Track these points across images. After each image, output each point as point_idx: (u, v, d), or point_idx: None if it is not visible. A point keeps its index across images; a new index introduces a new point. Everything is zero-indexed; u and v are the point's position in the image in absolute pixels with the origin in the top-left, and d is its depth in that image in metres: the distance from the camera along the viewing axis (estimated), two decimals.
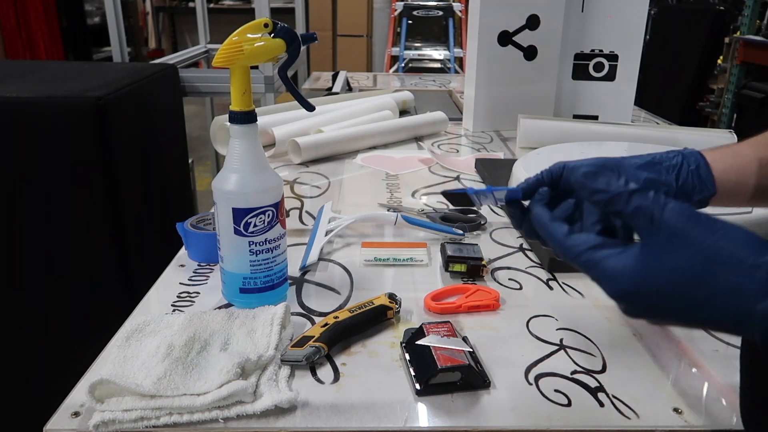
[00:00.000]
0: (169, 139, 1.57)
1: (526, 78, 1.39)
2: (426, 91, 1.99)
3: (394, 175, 1.12)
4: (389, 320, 0.63)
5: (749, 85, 3.17)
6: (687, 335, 0.62)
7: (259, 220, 0.61)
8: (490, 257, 0.78)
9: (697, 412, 0.51)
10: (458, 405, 0.51)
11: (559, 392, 0.53)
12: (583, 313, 0.66)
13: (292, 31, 0.62)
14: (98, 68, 1.46)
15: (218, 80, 1.75)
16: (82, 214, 1.16)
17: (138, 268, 1.23)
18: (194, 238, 0.76)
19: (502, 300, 0.68)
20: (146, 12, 5.71)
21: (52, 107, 1.11)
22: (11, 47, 3.82)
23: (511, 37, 1.35)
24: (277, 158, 1.19)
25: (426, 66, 4.64)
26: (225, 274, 0.65)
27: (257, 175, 0.61)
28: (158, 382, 0.50)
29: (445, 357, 0.53)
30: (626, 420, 0.50)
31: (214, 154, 2.52)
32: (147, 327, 0.59)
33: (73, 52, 4.27)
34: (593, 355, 0.59)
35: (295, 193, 1.02)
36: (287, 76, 0.67)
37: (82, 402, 0.50)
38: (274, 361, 0.55)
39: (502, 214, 0.94)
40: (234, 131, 0.60)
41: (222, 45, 0.59)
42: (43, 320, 1.21)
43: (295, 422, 0.49)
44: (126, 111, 1.23)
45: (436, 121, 1.39)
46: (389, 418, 0.50)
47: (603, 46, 1.41)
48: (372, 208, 0.95)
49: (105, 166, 1.15)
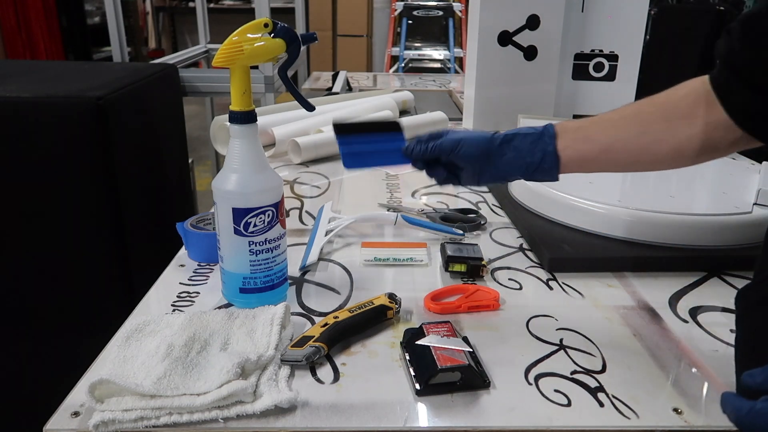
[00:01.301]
0: (169, 139, 1.57)
1: (526, 78, 1.38)
2: (426, 91, 1.99)
3: (394, 175, 1.12)
4: (389, 320, 0.63)
5: None
6: (687, 335, 0.62)
7: (259, 220, 0.61)
8: (490, 257, 0.78)
9: (697, 412, 0.51)
10: (458, 405, 0.51)
11: (558, 392, 0.53)
12: (583, 313, 0.66)
13: (292, 31, 0.62)
14: (98, 68, 1.46)
15: (218, 80, 1.75)
16: (82, 214, 1.16)
17: (138, 268, 1.23)
18: (194, 238, 0.76)
19: (502, 300, 0.68)
20: (146, 12, 5.71)
21: (52, 107, 1.11)
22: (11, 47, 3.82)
23: (511, 37, 1.35)
24: (277, 158, 1.19)
25: (426, 66, 4.64)
26: (225, 274, 0.64)
27: (257, 175, 0.61)
28: (158, 382, 0.50)
29: (445, 357, 0.53)
30: (626, 420, 0.50)
31: (214, 154, 2.51)
32: (147, 327, 0.59)
33: (73, 52, 4.27)
34: (593, 355, 0.59)
35: (295, 193, 1.02)
36: (287, 76, 0.67)
37: (82, 402, 0.50)
38: (274, 361, 0.55)
39: (502, 214, 0.94)
40: (234, 131, 0.60)
41: (222, 45, 0.59)
42: (43, 320, 1.21)
43: (295, 422, 0.49)
44: (126, 111, 1.23)
45: (436, 121, 1.39)
46: (389, 418, 0.50)
47: (603, 46, 1.41)
48: (372, 208, 0.95)
49: (105, 166, 1.15)
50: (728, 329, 0.63)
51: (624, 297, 0.70)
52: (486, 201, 0.99)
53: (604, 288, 0.72)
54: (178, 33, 6.08)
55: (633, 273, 0.75)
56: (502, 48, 1.35)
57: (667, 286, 0.72)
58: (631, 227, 0.79)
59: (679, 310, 0.67)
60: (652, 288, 0.72)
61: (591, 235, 0.81)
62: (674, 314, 0.66)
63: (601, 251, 0.77)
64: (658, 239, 0.78)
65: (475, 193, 1.03)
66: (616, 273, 0.75)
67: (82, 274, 1.19)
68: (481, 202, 0.99)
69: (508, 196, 0.96)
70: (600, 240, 0.80)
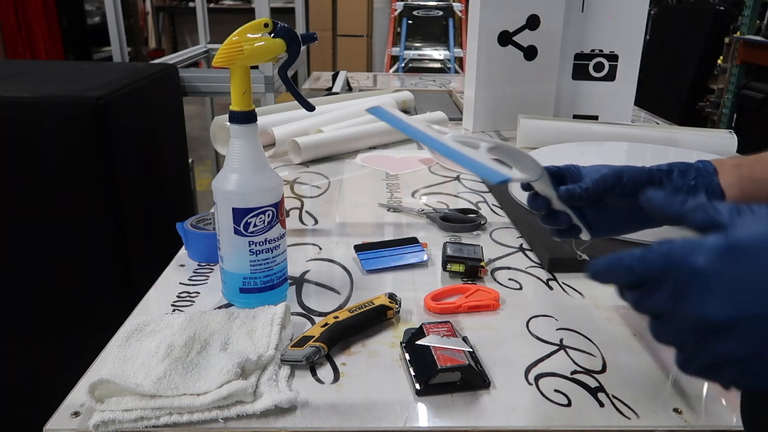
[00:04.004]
0: (169, 139, 1.57)
1: (526, 78, 1.39)
2: (426, 91, 1.99)
3: (394, 175, 1.12)
4: (389, 320, 0.63)
5: (749, 85, 3.17)
6: None
7: (259, 220, 0.61)
8: (490, 257, 0.78)
9: (697, 412, 0.51)
10: (458, 405, 0.51)
11: (559, 392, 0.53)
12: (583, 313, 0.66)
13: (292, 31, 0.62)
14: (98, 68, 1.46)
15: (218, 80, 1.75)
16: (81, 214, 1.16)
17: (138, 268, 1.23)
18: (194, 238, 0.76)
19: (502, 300, 0.68)
20: (146, 12, 5.71)
21: (52, 107, 1.11)
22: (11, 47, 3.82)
23: (511, 37, 1.35)
24: (277, 158, 1.19)
25: (426, 66, 4.64)
26: (225, 274, 0.65)
27: (257, 175, 0.61)
28: (158, 382, 0.50)
29: (445, 357, 0.53)
30: (626, 420, 0.50)
31: (214, 154, 2.51)
32: (147, 327, 0.59)
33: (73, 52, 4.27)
34: (593, 355, 0.59)
35: (295, 193, 1.02)
36: (287, 76, 0.67)
37: (82, 402, 0.50)
38: (274, 361, 0.55)
39: (502, 214, 0.94)
40: (234, 131, 0.60)
41: (222, 45, 0.59)
42: (43, 320, 1.21)
43: (295, 422, 0.49)
44: (126, 111, 1.23)
45: (436, 121, 1.39)
46: (389, 418, 0.50)
47: (603, 46, 1.41)
48: (372, 208, 0.95)
49: (105, 166, 1.15)
50: None
51: None
52: (486, 201, 0.99)
53: (604, 288, 0.72)
54: (178, 33, 6.08)
55: None
56: (502, 48, 1.35)
57: None
58: None
59: None
60: None
61: None
62: None
63: (601, 251, 0.77)
64: (658, 239, 0.78)
65: (475, 193, 1.03)
66: None
67: (82, 273, 1.19)
68: (481, 202, 0.99)
69: (508, 196, 0.96)
70: (600, 240, 0.80)
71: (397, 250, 0.77)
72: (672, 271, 0.34)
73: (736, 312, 0.31)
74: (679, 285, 0.33)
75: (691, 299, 0.32)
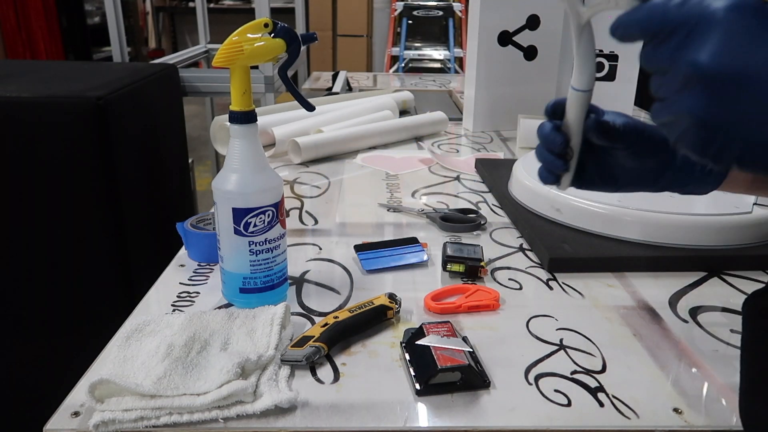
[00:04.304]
0: (169, 139, 1.57)
1: (526, 78, 1.39)
2: (426, 91, 1.99)
3: (394, 175, 1.12)
4: (389, 320, 0.63)
5: None
6: (687, 335, 0.62)
7: (259, 220, 0.61)
8: (490, 257, 0.78)
9: (697, 412, 0.51)
10: (458, 405, 0.51)
11: (559, 392, 0.53)
12: (583, 313, 0.66)
13: (292, 31, 0.62)
14: (98, 68, 1.46)
15: (218, 80, 1.75)
16: (81, 214, 1.16)
17: (138, 268, 1.23)
18: (194, 238, 0.77)
19: (502, 300, 0.68)
20: (146, 12, 5.71)
21: (52, 107, 1.11)
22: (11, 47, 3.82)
23: (511, 37, 1.35)
24: (277, 158, 1.19)
25: (426, 66, 4.64)
26: (225, 274, 0.65)
27: (257, 175, 0.61)
28: (158, 382, 0.50)
29: (445, 357, 0.53)
30: (626, 420, 0.50)
31: (214, 154, 2.52)
32: (147, 327, 0.59)
33: (73, 52, 4.27)
34: (593, 355, 0.59)
35: (295, 193, 1.02)
36: (287, 76, 0.67)
37: (82, 402, 0.50)
38: (274, 361, 0.55)
39: (502, 214, 0.94)
40: (234, 131, 0.60)
41: (222, 45, 0.59)
42: (43, 320, 1.21)
43: (295, 422, 0.49)
44: (126, 111, 1.23)
45: (436, 121, 1.39)
46: (389, 418, 0.50)
47: (603, 46, 1.41)
48: (372, 208, 0.95)
49: (105, 166, 1.15)
50: (728, 329, 0.64)
51: (624, 297, 0.70)
52: (486, 201, 1.00)
53: (604, 288, 0.72)
54: (178, 33, 6.08)
55: (633, 273, 0.75)
56: (502, 48, 1.35)
57: (667, 286, 0.72)
58: (631, 227, 0.79)
59: (679, 310, 0.67)
60: (652, 288, 0.72)
61: (591, 235, 0.81)
62: (674, 314, 0.66)
63: (600, 251, 0.77)
64: (658, 239, 0.78)
65: (475, 193, 1.03)
66: (616, 273, 0.75)
67: (82, 273, 1.19)
68: (481, 202, 0.99)
69: (508, 196, 0.96)
70: (600, 240, 0.80)
71: (397, 250, 0.78)
72: (688, 20, 0.33)
73: (730, 60, 0.31)
74: (690, 34, 0.33)
75: (693, 45, 0.33)
